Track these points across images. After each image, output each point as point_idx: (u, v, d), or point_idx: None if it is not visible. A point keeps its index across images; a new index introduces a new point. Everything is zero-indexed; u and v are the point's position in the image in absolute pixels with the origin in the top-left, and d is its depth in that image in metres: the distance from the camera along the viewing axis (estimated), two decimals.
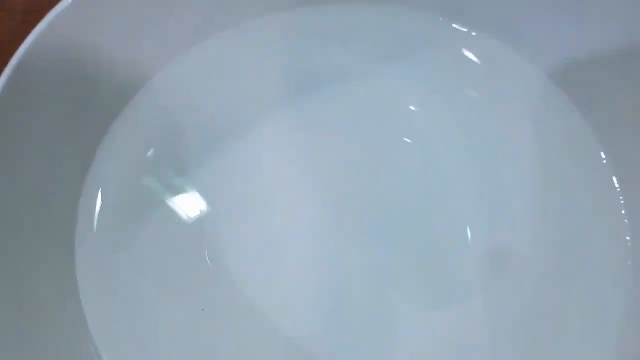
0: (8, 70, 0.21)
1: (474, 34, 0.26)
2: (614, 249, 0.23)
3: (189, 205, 0.24)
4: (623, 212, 0.24)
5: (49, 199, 0.23)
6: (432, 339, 0.23)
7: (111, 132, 0.25)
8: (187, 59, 0.26)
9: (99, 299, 0.23)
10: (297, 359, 0.22)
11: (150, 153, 0.25)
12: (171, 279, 0.23)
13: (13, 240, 0.21)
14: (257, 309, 0.23)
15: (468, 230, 0.24)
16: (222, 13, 0.25)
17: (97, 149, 0.24)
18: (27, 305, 0.21)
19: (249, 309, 0.23)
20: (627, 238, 0.23)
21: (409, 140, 0.25)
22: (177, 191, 0.24)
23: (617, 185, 0.24)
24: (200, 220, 0.24)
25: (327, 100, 0.25)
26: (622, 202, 0.24)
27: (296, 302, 0.23)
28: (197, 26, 0.25)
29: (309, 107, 0.25)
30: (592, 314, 0.23)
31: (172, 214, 0.24)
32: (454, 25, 0.26)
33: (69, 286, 0.23)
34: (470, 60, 0.26)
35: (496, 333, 0.23)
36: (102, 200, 0.24)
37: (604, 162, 0.24)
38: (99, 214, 0.24)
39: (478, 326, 0.23)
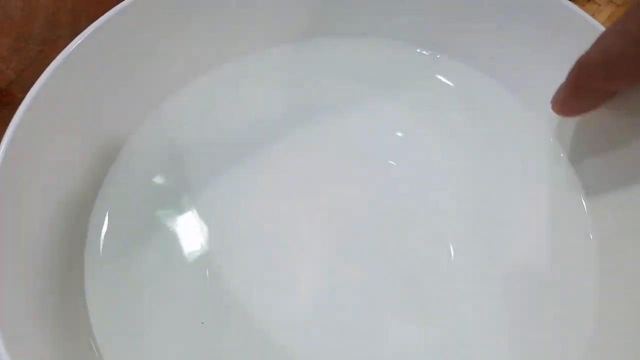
0: (27, 99, 0.22)
1: (451, 61, 0.28)
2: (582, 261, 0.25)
3: (191, 225, 0.25)
4: (591, 235, 0.25)
5: (61, 218, 0.23)
6: (418, 352, 0.23)
7: (119, 157, 0.26)
8: (193, 88, 0.27)
9: (106, 314, 0.23)
10: None
11: (155, 177, 0.26)
12: (174, 295, 0.24)
13: (28, 258, 0.22)
14: (254, 322, 0.23)
15: (451, 247, 0.25)
16: (224, 47, 0.27)
17: (105, 173, 0.26)
18: (40, 319, 0.21)
19: (246, 322, 0.23)
20: (591, 236, 0.25)
21: (393, 163, 0.27)
22: (180, 213, 0.25)
23: (584, 203, 0.26)
24: (201, 239, 0.25)
25: (320, 127, 0.27)
26: (591, 222, 0.25)
27: (291, 316, 0.24)
28: (201, 58, 0.27)
29: (304, 134, 0.27)
30: (568, 318, 0.24)
31: (175, 233, 0.25)
32: (438, 55, 0.29)
33: (77, 302, 0.23)
34: (449, 85, 0.28)
35: (481, 345, 0.23)
36: (109, 221, 0.25)
37: (573, 172, 0.26)
38: (106, 234, 0.25)
39: (462, 339, 0.23)
